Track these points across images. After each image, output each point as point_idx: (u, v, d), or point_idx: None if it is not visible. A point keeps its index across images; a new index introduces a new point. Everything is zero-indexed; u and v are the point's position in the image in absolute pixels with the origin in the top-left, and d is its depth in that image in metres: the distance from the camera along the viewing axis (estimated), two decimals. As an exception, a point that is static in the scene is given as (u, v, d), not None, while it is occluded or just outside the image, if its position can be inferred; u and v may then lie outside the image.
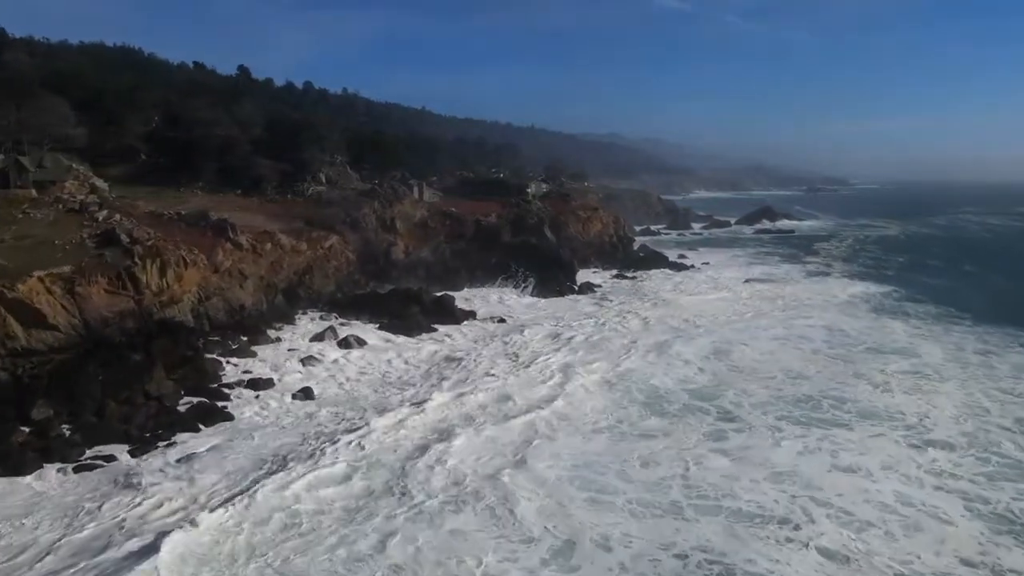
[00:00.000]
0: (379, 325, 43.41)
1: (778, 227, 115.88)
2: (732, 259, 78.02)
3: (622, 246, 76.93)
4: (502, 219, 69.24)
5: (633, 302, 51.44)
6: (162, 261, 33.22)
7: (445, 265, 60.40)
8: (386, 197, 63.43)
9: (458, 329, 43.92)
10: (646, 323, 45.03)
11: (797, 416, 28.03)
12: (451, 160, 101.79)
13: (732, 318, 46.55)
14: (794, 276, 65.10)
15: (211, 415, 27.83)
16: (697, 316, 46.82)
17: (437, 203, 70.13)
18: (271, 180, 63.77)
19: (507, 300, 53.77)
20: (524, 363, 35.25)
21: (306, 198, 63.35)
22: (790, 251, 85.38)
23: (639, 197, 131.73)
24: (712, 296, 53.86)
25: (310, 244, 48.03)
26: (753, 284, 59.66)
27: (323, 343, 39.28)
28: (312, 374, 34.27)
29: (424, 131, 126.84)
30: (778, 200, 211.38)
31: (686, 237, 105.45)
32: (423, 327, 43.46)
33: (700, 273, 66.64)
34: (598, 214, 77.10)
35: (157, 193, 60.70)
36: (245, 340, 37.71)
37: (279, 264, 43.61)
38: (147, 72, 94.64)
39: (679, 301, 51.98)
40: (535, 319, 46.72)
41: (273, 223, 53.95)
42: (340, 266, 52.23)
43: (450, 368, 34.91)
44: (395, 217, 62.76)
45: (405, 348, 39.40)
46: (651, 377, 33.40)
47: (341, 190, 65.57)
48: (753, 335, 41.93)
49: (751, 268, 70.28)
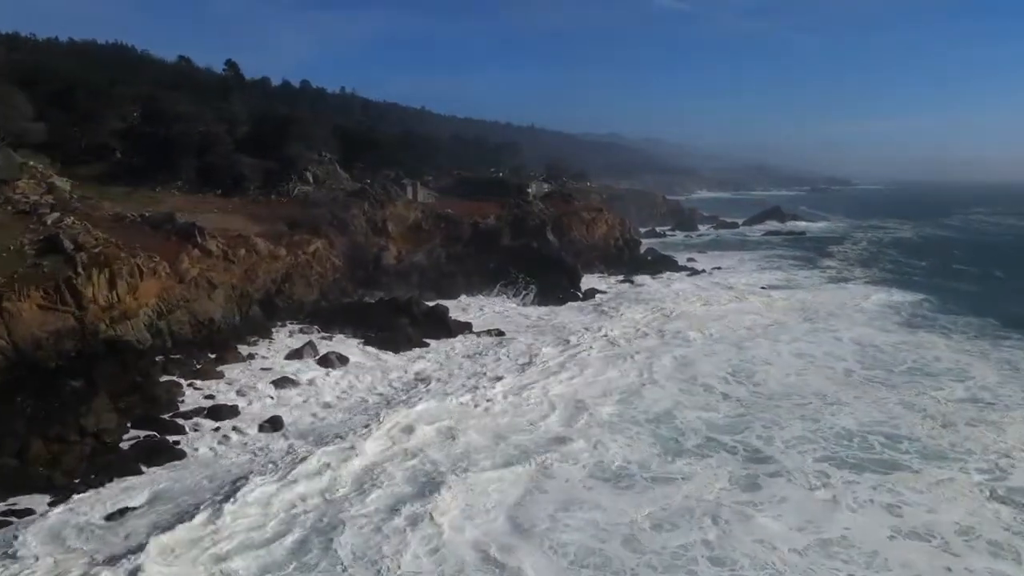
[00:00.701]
0: (364, 340, 39.38)
1: (788, 228, 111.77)
2: (744, 263, 73.94)
3: (628, 249, 72.84)
4: (501, 221, 65.22)
5: (642, 312, 47.32)
6: (111, 271, 29.12)
7: (440, 270, 56.37)
8: (377, 198, 59.41)
9: (452, 344, 39.86)
10: (658, 336, 40.96)
11: (843, 456, 23.84)
12: (449, 160, 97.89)
13: (751, 330, 42.47)
14: (812, 282, 60.99)
15: (158, 453, 23.78)
16: (713, 328, 42.74)
17: (432, 204, 66.10)
18: (254, 179, 59.80)
19: (506, 310, 49.71)
20: (518, 389, 30.99)
21: (291, 199, 59.41)
22: (803, 254, 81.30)
23: (643, 197, 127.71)
24: (727, 305, 49.76)
25: (290, 249, 43.96)
26: (770, 291, 55.58)
27: (301, 361, 35.22)
28: (284, 399, 30.21)
29: (422, 130, 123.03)
30: (781, 200, 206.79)
31: (693, 239, 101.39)
32: (413, 341, 39.46)
33: (712, 278, 62.54)
34: (603, 215, 73.01)
35: (130, 194, 56.84)
36: (212, 358, 33.70)
37: (254, 272, 39.56)
38: (133, 68, 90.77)
39: (692, 310, 47.90)
40: (536, 331, 42.65)
41: (253, 225, 50.01)
42: (325, 272, 48.18)
43: (435, 394, 30.71)
44: (386, 219, 58.75)
45: (392, 367, 35.34)
46: (665, 404, 29.33)
47: (329, 190, 61.60)
48: (775, 350, 37.88)
49: (765, 273, 66.18)
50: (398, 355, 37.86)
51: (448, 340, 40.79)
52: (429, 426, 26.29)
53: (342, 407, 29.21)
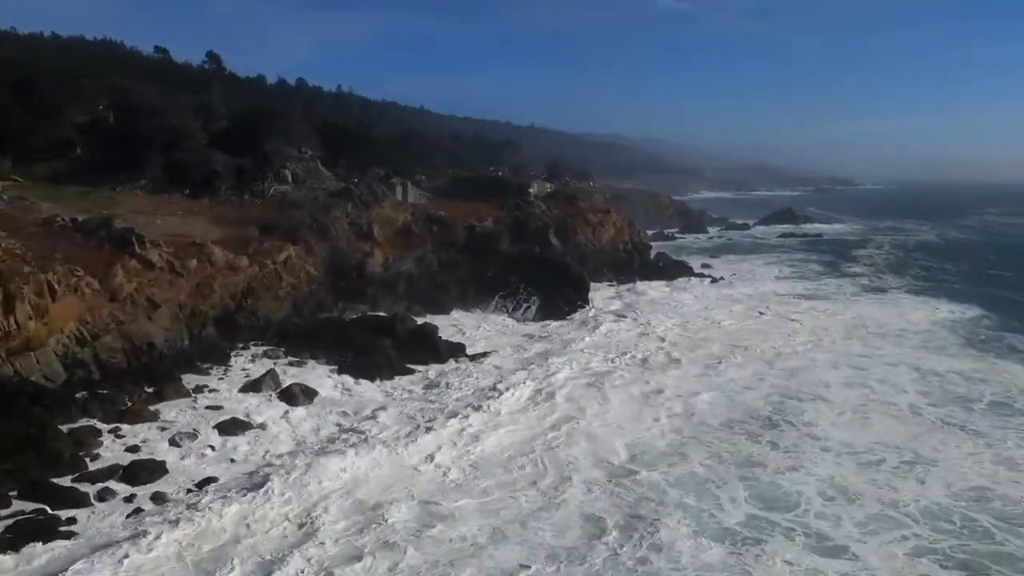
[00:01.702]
0: (339, 366, 33.55)
1: (803, 231, 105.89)
2: (764, 268, 68.13)
3: (638, 254, 67.00)
4: (500, 224, 59.37)
5: (658, 328, 41.50)
6: (7, 291, 23.32)
7: (431, 280, 50.51)
8: (362, 198, 53.55)
9: (441, 371, 34.00)
10: (676, 360, 35.09)
11: (946, 550, 17.79)
12: (447, 159, 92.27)
13: (785, 351, 36.73)
14: (844, 291, 55.13)
15: (38, 534, 17.94)
16: (741, 348, 37.03)
17: (424, 205, 60.28)
18: (226, 178, 53.98)
19: (506, 327, 43.81)
20: (509, 454, 24.69)
21: (266, 199, 53.60)
22: (826, 258, 75.45)
23: (649, 198, 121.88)
24: (756, 320, 43.92)
25: (255, 258, 38.17)
26: (799, 302, 49.75)
27: (258, 395, 29.39)
28: (228, 451, 24.34)
29: (420, 128, 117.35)
30: (786, 201, 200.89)
31: (704, 242, 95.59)
32: (395, 367, 33.64)
33: (733, 287, 56.70)
34: (610, 217, 67.18)
35: (87, 194, 51.19)
36: (149, 393, 27.89)
37: (208, 286, 33.74)
38: (111, 62, 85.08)
39: (717, 326, 42.09)
40: (538, 355, 36.71)
41: (218, 230, 44.25)
42: (299, 283, 42.36)
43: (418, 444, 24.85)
44: (372, 222, 52.90)
45: (366, 402, 29.49)
46: (691, 459, 23.56)
47: (310, 190, 55.76)
48: (822, 379, 32.05)
49: (790, 281, 60.39)
50: (377, 384, 32.11)
51: (437, 365, 35.00)
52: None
53: (299, 464, 23.27)
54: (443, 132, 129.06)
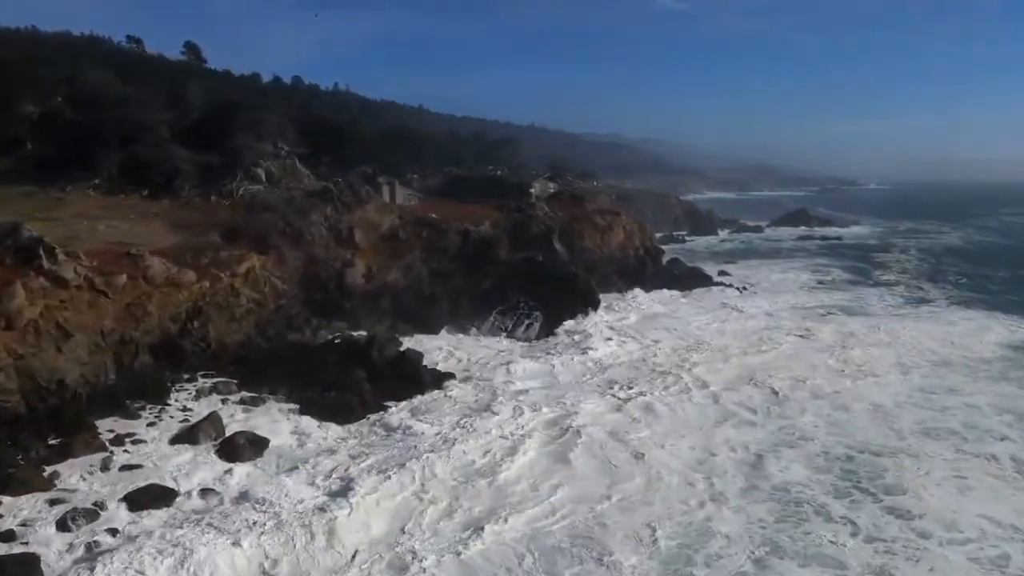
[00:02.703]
0: (301, 404, 27.63)
1: (821, 234, 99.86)
2: (787, 276, 62.23)
3: (651, 261, 61.00)
4: (498, 228, 53.35)
5: (677, 352, 35.49)
6: None
7: (419, 293, 44.50)
8: (343, 200, 47.54)
9: (425, 407, 28.01)
10: (700, 401, 28.96)
11: None
12: (441, 158, 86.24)
13: (838, 385, 30.76)
14: (885, 304, 49.19)
15: None
16: (781, 380, 31.03)
17: (414, 207, 54.29)
18: (190, 177, 48.08)
19: (504, 349, 37.77)
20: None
21: (235, 201, 47.67)
22: (852, 265, 69.52)
23: (656, 198, 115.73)
24: (791, 341, 37.92)
25: (208, 270, 32.17)
26: (838, 318, 43.79)
27: (193, 449, 23.48)
28: (137, 535, 18.38)
29: (416, 126, 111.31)
30: (791, 201, 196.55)
31: (717, 245, 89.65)
32: (369, 405, 27.73)
33: (758, 299, 50.70)
34: (620, 220, 61.20)
35: (33, 194, 45.95)
36: (51, 448, 21.99)
37: (142, 306, 27.77)
38: (77, 54, 78.99)
39: (746, 350, 36.01)
40: (539, 387, 30.63)
41: (172, 236, 38.42)
42: (263, 299, 36.41)
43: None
44: (354, 226, 46.89)
45: (326, 455, 23.51)
46: (732, 552, 17.66)
47: (285, 190, 49.80)
48: (892, 427, 25.91)
49: (820, 292, 54.44)
50: (348, 427, 26.18)
51: (421, 397, 29.05)
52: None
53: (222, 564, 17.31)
54: (439, 129, 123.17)
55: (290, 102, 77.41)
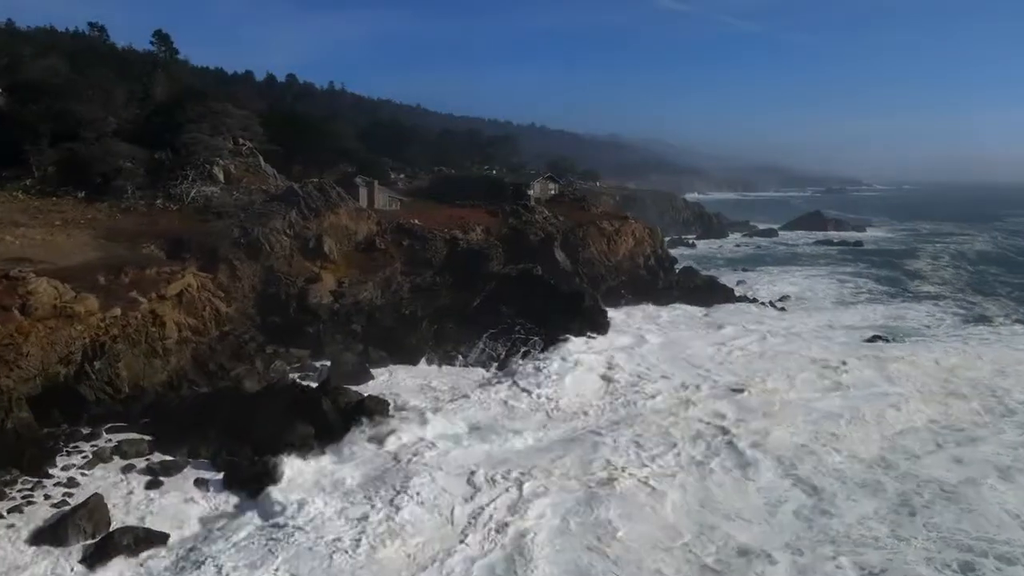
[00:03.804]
0: (227, 471, 21.15)
1: (841, 238, 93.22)
2: (814, 287, 55.72)
3: (663, 271, 54.51)
4: (492, 235, 46.98)
5: (715, 396, 28.84)
6: None
7: (398, 313, 38.03)
8: (311, 203, 41.08)
9: (382, 477, 21.47)
10: (763, 478, 22.30)
11: None
12: (434, 158, 79.87)
13: (916, 444, 24.13)
14: (938, 324, 42.57)
15: None
16: (838, 439, 24.46)
17: (396, 212, 47.85)
18: (133, 177, 41.57)
19: (485, 383, 31.01)
20: None
21: (185, 205, 41.15)
22: (881, 274, 63.03)
23: (663, 200, 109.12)
24: (842, 380, 31.08)
25: (120, 295, 25.62)
26: (894, 346, 37.12)
27: (53, 555, 17.02)
28: None
29: (408, 124, 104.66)
30: (797, 202, 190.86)
31: (730, 250, 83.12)
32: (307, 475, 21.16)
33: (787, 317, 44.21)
34: (628, 226, 54.69)
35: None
36: None
37: (15, 347, 21.21)
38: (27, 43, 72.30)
39: (785, 391, 29.30)
40: (500, 455, 23.75)
41: (98, 248, 31.98)
42: (202, 327, 29.97)
43: None
44: (323, 234, 40.51)
45: (234, 552, 16.97)
46: None
47: (245, 192, 43.35)
48: (1004, 504, 19.58)
49: (858, 306, 47.96)
50: (277, 508, 19.63)
51: (380, 450, 22.53)
52: None
53: None
54: (432, 126, 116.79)
55: (263, 96, 70.82)
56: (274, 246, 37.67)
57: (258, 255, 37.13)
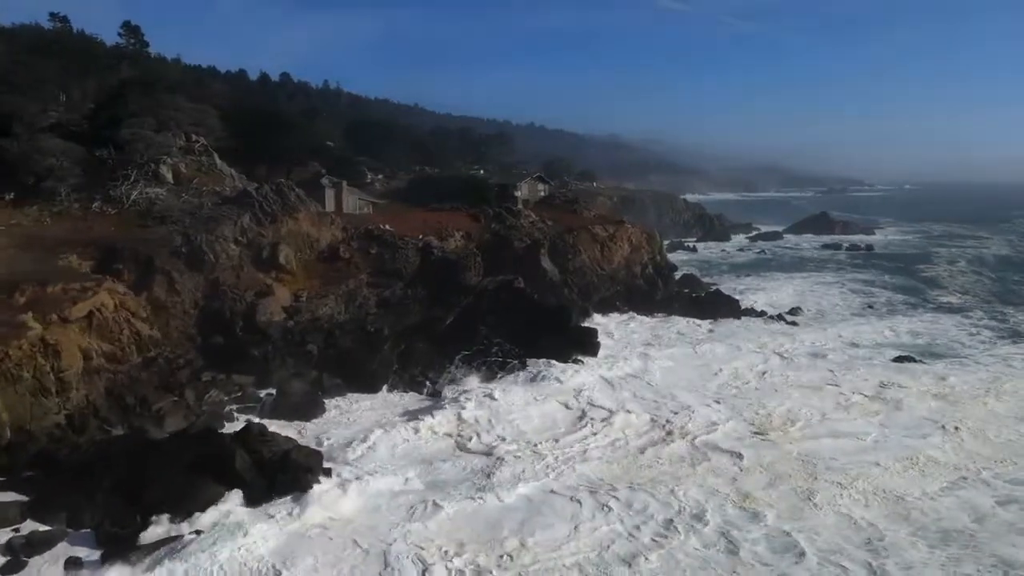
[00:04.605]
0: (108, 550, 16.73)
1: (849, 241, 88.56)
2: (827, 296, 51.33)
3: (662, 280, 50.03)
4: (472, 242, 42.54)
5: (706, 455, 23.94)
6: None
7: (362, 331, 33.55)
8: (266, 207, 36.63)
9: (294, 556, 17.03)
10: (757, 529, 17.78)
11: None
12: (417, 155, 75.41)
13: (989, 506, 19.56)
14: (972, 338, 38.13)
15: None
16: (883, 498, 19.94)
17: (365, 217, 43.37)
18: (67, 177, 37.12)
19: (465, 421, 26.52)
20: None
21: (126, 208, 36.71)
22: (897, 281, 58.51)
23: (663, 201, 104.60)
24: (874, 418, 26.56)
25: (16, 316, 21.16)
26: (929, 369, 32.56)
27: None
28: None
29: (404, 123, 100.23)
30: (800, 202, 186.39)
31: (733, 255, 78.61)
32: (221, 553, 16.73)
33: (798, 334, 39.61)
34: (624, 231, 50.21)
35: None
36: None
37: None
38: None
39: (813, 448, 24.40)
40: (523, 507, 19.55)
41: (3, 262, 27.53)
42: (117, 352, 25.57)
43: None
44: (280, 242, 36.04)
45: None
46: None
47: (196, 195, 38.89)
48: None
49: (874, 318, 43.46)
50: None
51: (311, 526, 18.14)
52: None
53: None
54: (423, 124, 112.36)
55: (255, 95, 66.36)
56: (219, 255, 33.27)
57: (201, 266, 32.75)
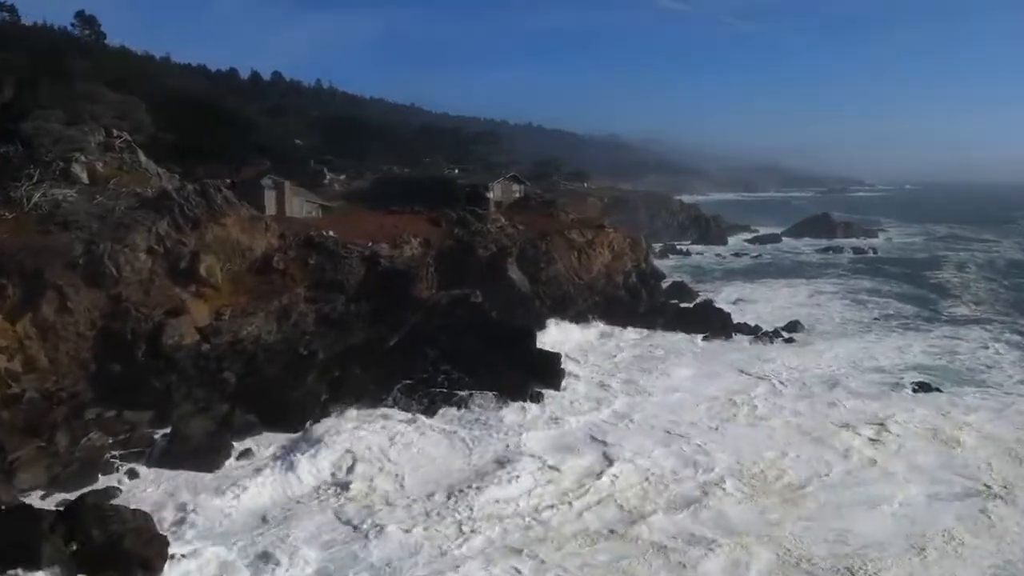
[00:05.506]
0: None
1: (851, 244, 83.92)
2: (829, 307, 46.75)
3: (646, 289, 45.42)
4: (430, 250, 37.84)
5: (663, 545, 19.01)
6: None
7: (294, 354, 28.88)
8: (188, 211, 31.93)
9: None
10: None
11: None
12: (404, 157, 70.76)
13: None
14: (1000, 360, 33.34)
15: None
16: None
17: (311, 221, 38.69)
18: (-40, 177, 32.51)
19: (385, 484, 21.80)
20: None
21: (25, 212, 32.02)
22: (905, 290, 53.90)
23: (656, 202, 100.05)
24: (882, 458, 22.03)
25: None
26: (946, 401, 27.95)
27: None
28: None
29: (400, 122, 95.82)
30: (800, 202, 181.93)
31: (729, 259, 73.99)
32: None
33: (797, 354, 34.93)
34: (605, 236, 45.54)
35: None
36: None
37: None
38: None
39: (822, 493, 19.97)
40: None
41: None
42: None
43: None
44: (202, 251, 31.36)
45: None
46: None
47: (112, 196, 34.18)
48: None
49: (883, 334, 38.81)
50: None
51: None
52: None
53: None
54: (407, 123, 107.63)
55: (247, 95, 61.78)
56: (123, 268, 28.60)
57: (102, 280, 28.13)
